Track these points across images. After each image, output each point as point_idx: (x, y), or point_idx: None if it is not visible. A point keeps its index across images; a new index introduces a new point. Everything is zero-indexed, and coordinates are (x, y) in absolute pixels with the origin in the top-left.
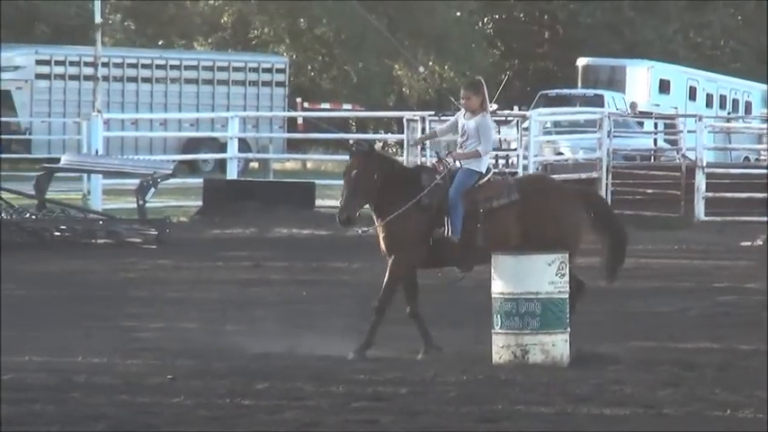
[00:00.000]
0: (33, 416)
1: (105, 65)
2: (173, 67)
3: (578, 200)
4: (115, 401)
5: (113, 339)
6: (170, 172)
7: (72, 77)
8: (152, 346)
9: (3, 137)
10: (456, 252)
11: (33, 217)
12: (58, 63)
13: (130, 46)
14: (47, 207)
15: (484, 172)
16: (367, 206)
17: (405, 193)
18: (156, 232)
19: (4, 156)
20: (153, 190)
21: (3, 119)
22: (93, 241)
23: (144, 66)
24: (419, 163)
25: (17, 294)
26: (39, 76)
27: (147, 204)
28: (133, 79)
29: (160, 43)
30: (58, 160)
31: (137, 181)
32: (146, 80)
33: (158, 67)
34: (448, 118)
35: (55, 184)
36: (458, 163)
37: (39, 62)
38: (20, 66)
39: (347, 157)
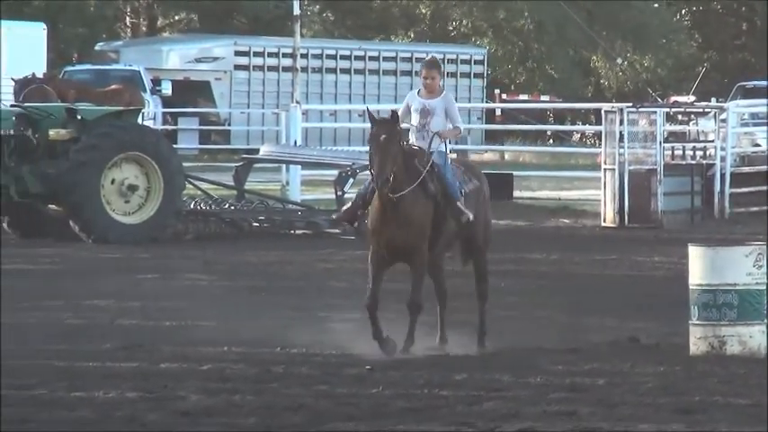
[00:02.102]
0: (233, 406)
1: (304, 56)
2: (371, 58)
3: None
4: (314, 392)
5: (312, 330)
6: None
7: (271, 68)
8: (350, 336)
9: (202, 128)
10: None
11: (232, 207)
12: (256, 54)
13: (329, 37)
14: (246, 198)
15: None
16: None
17: (409, 174)
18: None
19: (203, 146)
20: (352, 181)
21: (202, 110)
22: (292, 232)
23: (343, 57)
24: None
25: (217, 285)
26: (237, 68)
27: (346, 195)
28: (332, 70)
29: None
30: (256, 151)
31: (335, 172)
32: (344, 71)
33: (357, 58)
34: (646, 110)
35: (254, 174)
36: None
37: (237, 53)
38: (219, 57)
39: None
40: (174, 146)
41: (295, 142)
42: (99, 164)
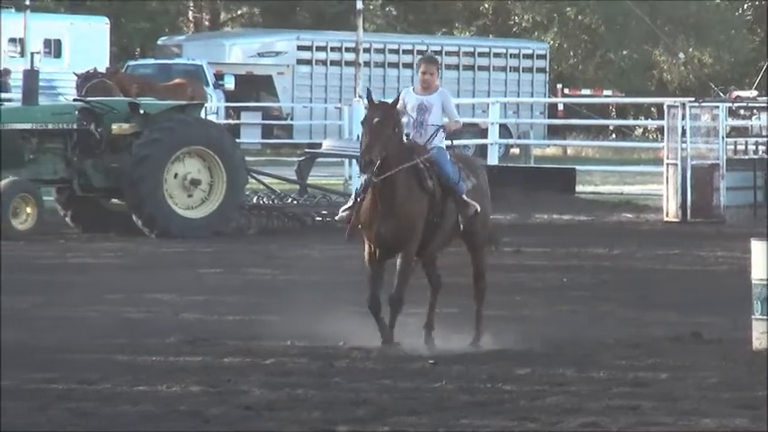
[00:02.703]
0: (296, 401)
1: (366, 50)
2: (433, 52)
3: None
4: (377, 386)
5: (374, 324)
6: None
7: (333, 63)
8: (413, 331)
9: (265, 122)
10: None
11: (295, 202)
12: (319, 49)
13: (391, 31)
14: (308, 192)
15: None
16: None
17: (406, 168)
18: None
19: (266, 141)
20: None
21: (265, 104)
22: None
23: (405, 51)
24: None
25: (279, 279)
26: (300, 62)
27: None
28: (394, 65)
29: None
30: (319, 145)
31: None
32: (407, 66)
33: (419, 52)
34: (709, 104)
35: (316, 169)
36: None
37: (300, 48)
38: (281, 51)
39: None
40: (237, 140)
41: (358, 136)
42: (162, 158)
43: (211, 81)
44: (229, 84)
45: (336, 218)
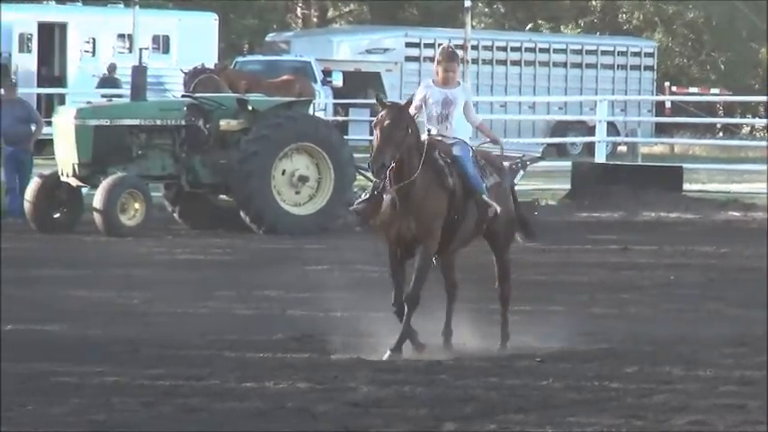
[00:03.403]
0: (403, 398)
1: (474, 48)
2: (541, 50)
3: None
4: (484, 384)
5: (479, 322)
6: (539, 155)
7: None
8: (519, 329)
9: (373, 119)
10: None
11: None
12: (427, 46)
13: (499, 29)
14: None
15: None
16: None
17: (424, 166)
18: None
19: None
20: (522, 173)
21: (373, 101)
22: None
23: (513, 49)
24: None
25: (386, 276)
26: (408, 59)
27: (516, 187)
28: (502, 62)
29: (528, 27)
30: None
31: (505, 164)
32: (515, 63)
33: (527, 50)
34: None
35: None
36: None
37: (408, 45)
38: (389, 48)
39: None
40: (345, 137)
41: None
42: (270, 154)
43: (319, 78)
44: (337, 80)
45: (351, 208)
